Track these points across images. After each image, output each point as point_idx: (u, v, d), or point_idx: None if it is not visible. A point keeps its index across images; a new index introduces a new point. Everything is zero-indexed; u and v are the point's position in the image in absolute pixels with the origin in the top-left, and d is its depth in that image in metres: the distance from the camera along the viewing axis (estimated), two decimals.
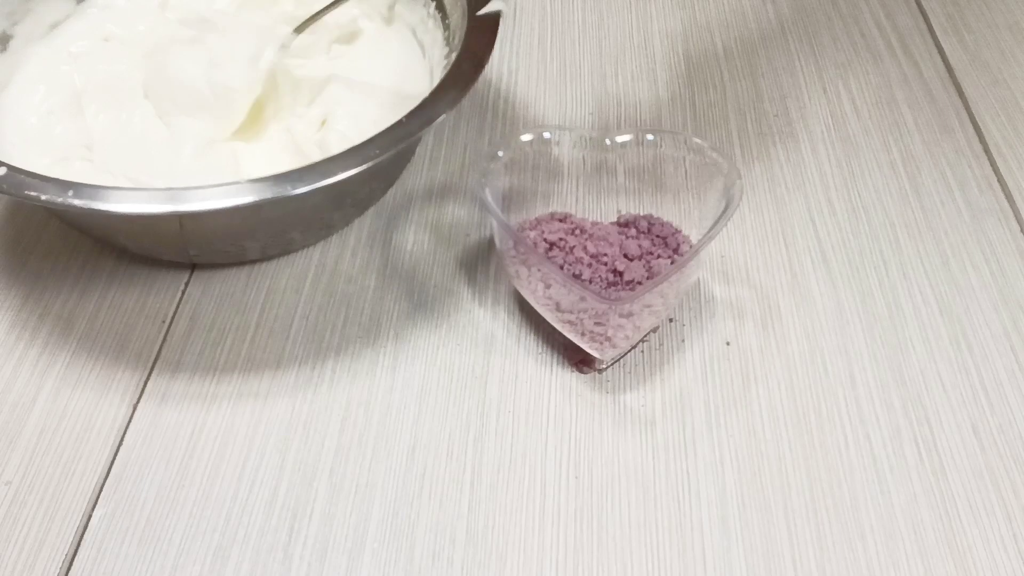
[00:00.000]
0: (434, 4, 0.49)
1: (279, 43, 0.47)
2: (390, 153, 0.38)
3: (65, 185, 0.37)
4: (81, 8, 0.51)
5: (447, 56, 0.46)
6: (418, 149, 0.52)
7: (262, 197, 0.37)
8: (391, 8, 0.51)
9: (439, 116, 0.40)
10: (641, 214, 0.44)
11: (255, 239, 0.44)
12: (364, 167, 0.38)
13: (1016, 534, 0.37)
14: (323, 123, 0.46)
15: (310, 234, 0.46)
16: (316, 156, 0.42)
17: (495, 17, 0.44)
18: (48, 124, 0.46)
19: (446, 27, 0.48)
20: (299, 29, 0.47)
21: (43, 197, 0.37)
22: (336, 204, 0.45)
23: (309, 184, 0.37)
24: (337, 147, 0.39)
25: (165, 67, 0.47)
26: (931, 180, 0.50)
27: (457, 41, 0.45)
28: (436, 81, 0.42)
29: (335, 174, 0.37)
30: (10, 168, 0.38)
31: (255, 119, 0.47)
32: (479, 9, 0.45)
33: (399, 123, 0.39)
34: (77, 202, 0.36)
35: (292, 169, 0.38)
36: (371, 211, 0.49)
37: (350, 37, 0.50)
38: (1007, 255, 0.47)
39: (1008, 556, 0.36)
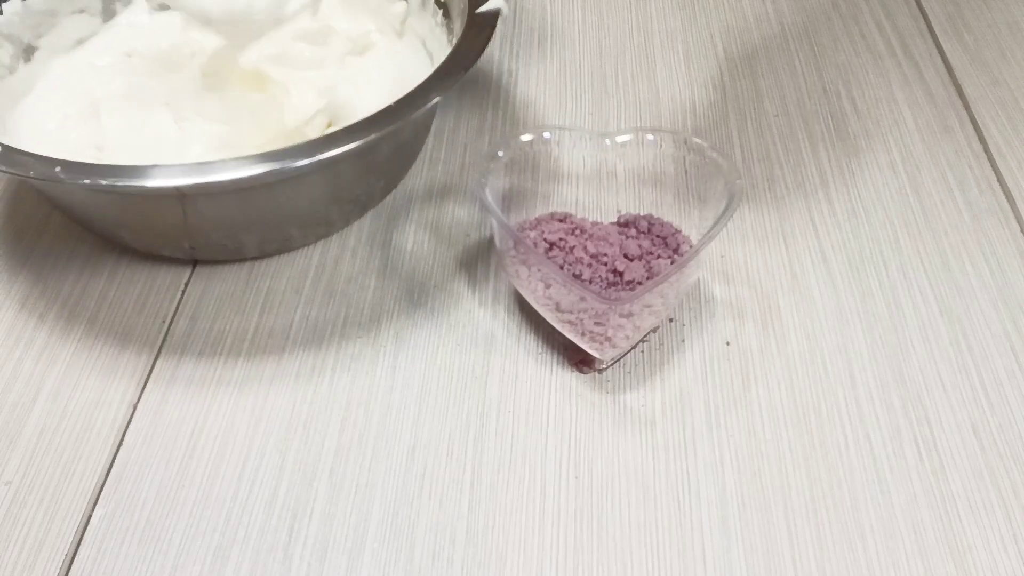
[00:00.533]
0: (441, 12, 0.50)
1: None
2: (375, 136, 0.39)
3: (52, 162, 0.37)
4: (107, 26, 0.53)
5: None
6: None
7: (251, 171, 0.37)
8: (403, 22, 0.52)
9: (429, 101, 0.40)
10: (641, 214, 0.44)
11: (253, 232, 0.44)
12: (349, 147, 0.38)
13: (1016, 534, 0.37)
14: (328, 125, 0.47)
15: (309, 231, 0.46)
16: None
17: (494, 15, 0.45)
18: (64, 128, 0.47)
19: (450, 31, 0.49)
20: None
21: (31, 172, 0.37)
22: (333, 198, 0.45)
23: (296, 159, 0.38)
24: None
25: None
26: (931, 180, 0.50)
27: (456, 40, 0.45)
28: None
29: (324, 151, 0.38)
30: (3, 147, 0.38)
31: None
32: (478, 7, 0.45)
33: (388, 107, 0.40)
34: (64, 176, 0.37)
35: (281, 148, 0.38)
36: (371, 211, 0.49)
37: (362, 50, 0.51)
38: (1007, 255, 0.47)
39: (1008, 556, 0.36)
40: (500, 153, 0.43)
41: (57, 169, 0.37)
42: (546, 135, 0.45)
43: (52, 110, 0.47)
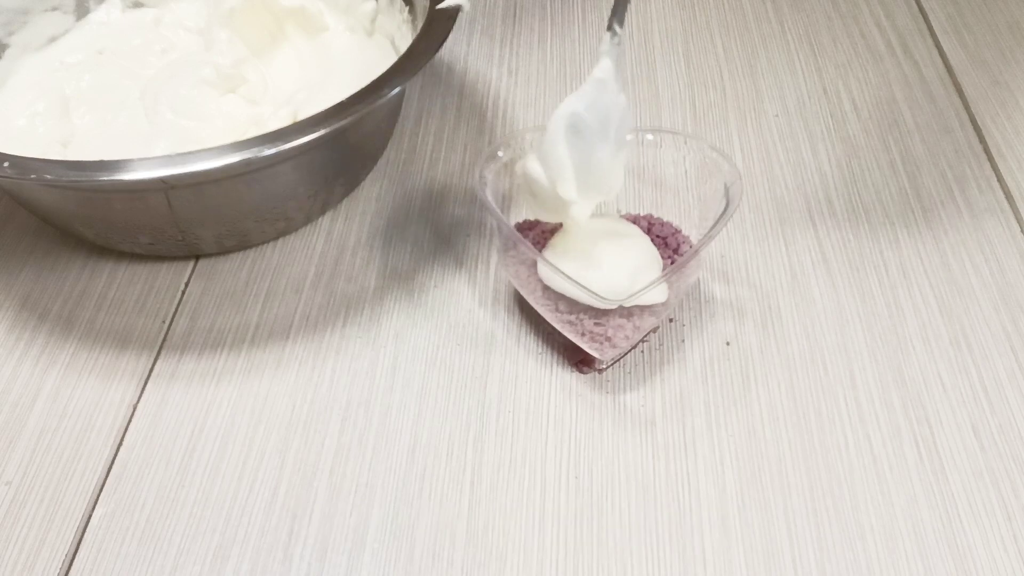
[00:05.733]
0: (408, 8, 0.50)
1: None
2: (317, 134, 0.38)
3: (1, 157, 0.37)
4: (80, 23, 0.53)
5: None
6: (419, 148, 0.52)
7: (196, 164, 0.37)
8: (373, 21, 0.52)
9: (379, 99, 0.40)
10: (641, 214, 0.44)
11: (209, 227, 0.44)
12: (297, 142, 0.38)
13: (1016, 534, 0.37)
14: (294, 119, 0.47)
15: (267, 225, 0.46)
16: None
17: (455, 11, 0.45)
18: (34, 125, 0.47)
19: (415, 29, 0.48)
20: None
21: None
22: (290, 193, 0.45)
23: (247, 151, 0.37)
24: None
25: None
26: (931, 180, 0.50)
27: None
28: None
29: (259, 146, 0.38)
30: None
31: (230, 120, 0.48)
32: (440, 3, 0.45)
33: (339, 103, 0.39)
34: (12, 172, 0.37)
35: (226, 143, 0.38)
36: (372, 210, 0.49)
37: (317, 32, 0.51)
38: (1007, 255, 0.47)
39: (1008, 556, 0.36)
40: (500, 153, 0.43)
41: (5, 164, 0.37)
42: None
43: (23, 107, 0.48)
